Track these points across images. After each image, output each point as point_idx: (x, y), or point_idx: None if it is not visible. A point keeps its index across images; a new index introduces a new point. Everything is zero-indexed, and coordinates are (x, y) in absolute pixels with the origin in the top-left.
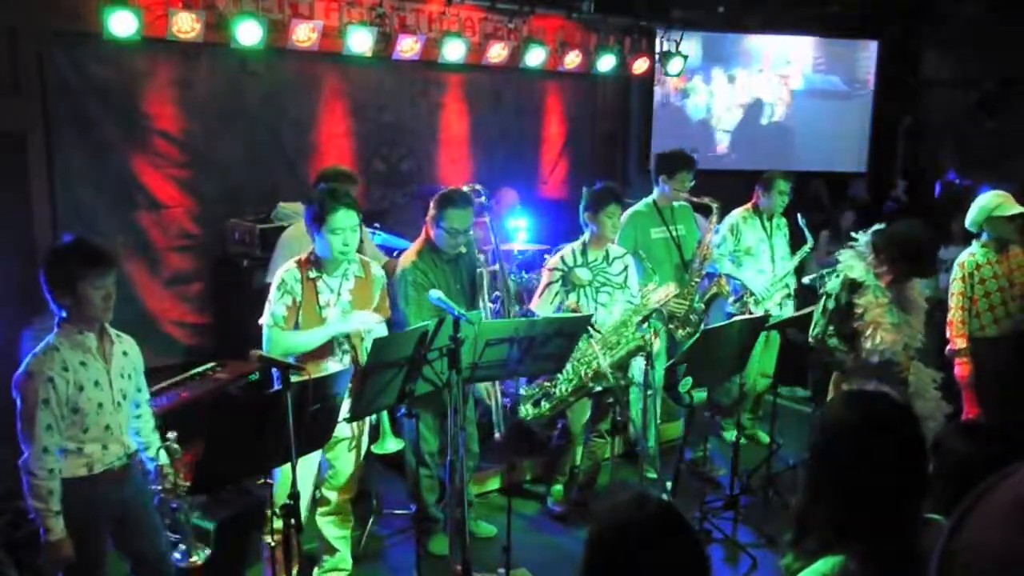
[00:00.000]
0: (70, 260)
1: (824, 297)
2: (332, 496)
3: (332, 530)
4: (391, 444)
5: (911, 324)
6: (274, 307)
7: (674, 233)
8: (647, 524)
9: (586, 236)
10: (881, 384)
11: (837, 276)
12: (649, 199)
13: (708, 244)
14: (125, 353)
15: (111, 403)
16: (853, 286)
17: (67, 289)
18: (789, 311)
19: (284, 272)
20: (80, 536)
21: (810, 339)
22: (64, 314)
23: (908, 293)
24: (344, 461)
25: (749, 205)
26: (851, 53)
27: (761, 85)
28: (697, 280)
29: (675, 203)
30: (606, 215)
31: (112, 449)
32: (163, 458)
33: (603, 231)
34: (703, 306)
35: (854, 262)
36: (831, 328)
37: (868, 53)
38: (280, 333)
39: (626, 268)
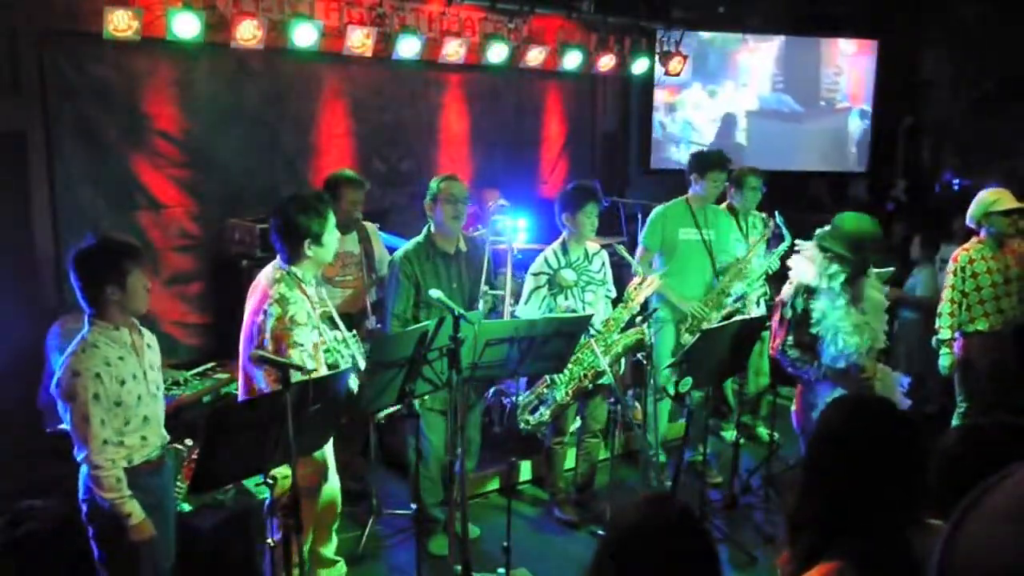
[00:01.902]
0: (121, 254)
1: (780, 307)
2: (326, 521)
3: (329, 547)
4: None
5: (871, 325)
6: (305, 347)
7: (706, 236)
8: (665, 526)
9: (565, 236)
10: (846, 393)
11: (790, 284)
12: (682, 198)
13: (748, 260)
14: (150, 346)
15: (147, 394)
16: (808, 292)
17: (118, 283)
18: (763, 311)
19: (300, 303)
20: (118, 528)
21: (771, 352)
22: (100, 310)
23: (864, 292)
24: (331, 478)
25: (724, 206)
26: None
27: (742, 99)
28: (725, 290)
29: (709, 205)
30: (584, 215)
31: (151, 440)
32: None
33: (582, 231)
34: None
35: (805, 267)
36: (790, 339)
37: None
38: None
39: (604, 264)
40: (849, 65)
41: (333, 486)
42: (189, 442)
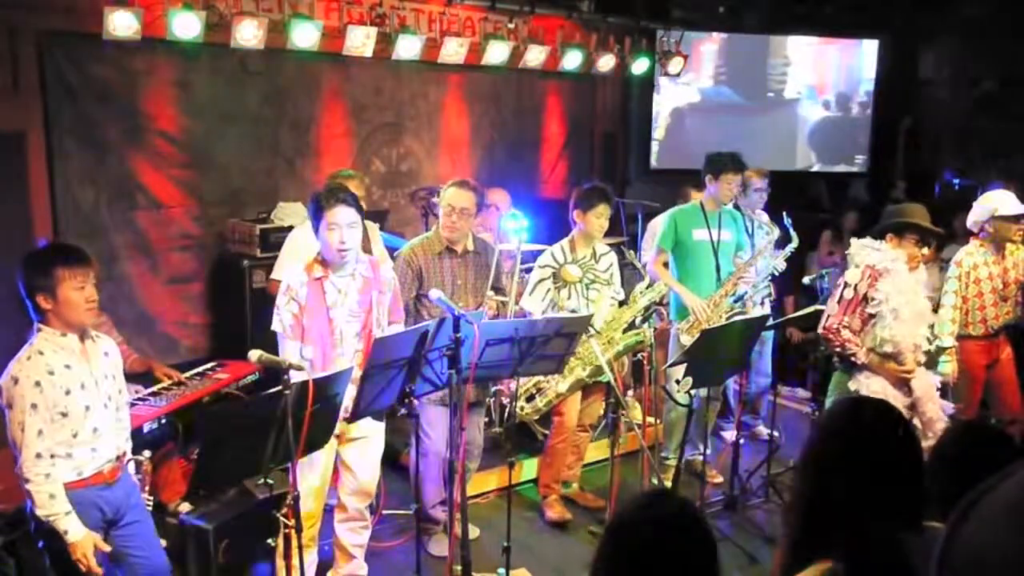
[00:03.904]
0: (49, 262)
1: (842, 287)
2: (350, 502)
3: (351, 537)
4: None
5: (925, 320)
6: (282, 314)
7: (714, 237)
8: (664, 520)
9: (574, 233)
10: (887, 384)
11: (856, 267)
12: (696, 201)
13: (750, 262)
14: (106, 354)
15: (99, 405)
16: (874, 274)
17: (49, 292)
18: (767, 311)
19: (290, 278)
20: (62, 543)
21: (820, 329)
22: (42, 318)
23: (919, 290)
24: (362, 464)
25: (730, 206)
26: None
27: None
28: (728, 291)
29: (724, 208)
30: (594, 215)
31: (102, 452)
32: (131, 468)
33: (590, 230)
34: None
35: (870, 251)
36: (846, 319)
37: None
38: (290, 342)
39: (611, 265)
40: (799, 54)
41: (359, 476)
42: (148, 453)
